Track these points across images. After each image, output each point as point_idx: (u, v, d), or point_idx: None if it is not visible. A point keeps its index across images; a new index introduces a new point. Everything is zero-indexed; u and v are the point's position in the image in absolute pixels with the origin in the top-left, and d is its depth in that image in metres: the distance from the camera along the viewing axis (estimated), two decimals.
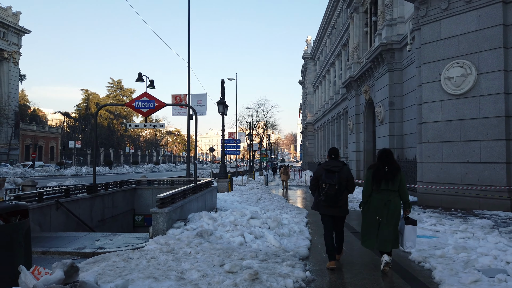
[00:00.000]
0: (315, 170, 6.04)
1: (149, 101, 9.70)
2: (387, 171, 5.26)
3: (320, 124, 51.82)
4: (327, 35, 47.98)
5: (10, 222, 3.26)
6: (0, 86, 50.52)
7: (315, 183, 5.73)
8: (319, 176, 5.61)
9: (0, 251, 3.01)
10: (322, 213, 5.65)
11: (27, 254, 3.34)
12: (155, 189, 12.34)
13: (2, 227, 3.11)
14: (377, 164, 5.49)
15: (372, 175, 5.37)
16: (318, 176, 5.64)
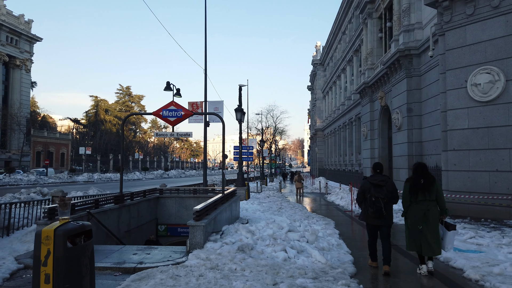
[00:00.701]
0: (361, 184, 6.53)
1: (176, 110, 9.59)
2: (423, 183, 5.84)
3: (331, 130, 51.55)
4: (337, 41, 47.87)
5: (76, 244, 3.11)
6: (12, 93, 50.99)
7: (362, 196, 6.32)
8: (366, 190, 6.23)
9: (70, 275, 2.87)
10: (370, 223, 6.24)
11: (92, 277, 3.20)
12: (178, 198, 12.20)
13: (71, 250, 2.97)
14: (413, 177, 6.05)
15: (409, 188, 5.97)
16: (365, 189, 6.26)
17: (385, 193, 6.02)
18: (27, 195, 9.75)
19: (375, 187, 6.09)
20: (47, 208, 6.75)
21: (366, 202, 6.20)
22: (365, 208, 6.24)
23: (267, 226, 7.11)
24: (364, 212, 6.30)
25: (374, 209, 5.99)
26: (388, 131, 26.17)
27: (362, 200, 6.33)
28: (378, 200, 5.97)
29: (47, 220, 6.82)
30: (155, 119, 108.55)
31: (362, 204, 6.32)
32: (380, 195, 5.99)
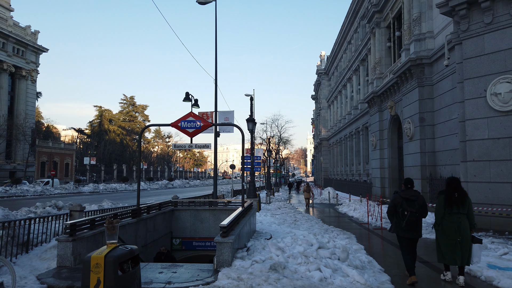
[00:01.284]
0: (392, 198, 6.84)
1: (194, 121, 9.38)
2: (457, 196, 6.15)
3: (336, 139, 51.29)
4: (342, 51, 47.89)
5: (125, 271, 2.87)
6: (18, 104, 51.07)
7: (393, 209, 6.66)
8: (398, 204, 6.56)
9: None
10: (402, 236, 6.52)
11: None
12: (193, 211, 11.92)
13: (121, 278, 2.72)
14: (447, 190, 6.33)
15: (444, 200, 6.26)
16: (397, 203, 6.59)
17: (417, 208, 6.40)
18: (42, 208, 9.50)
19: (407, 202, 6.45)
20: (68, 224, 6.52)
21: (397, 216, 6.53)
22: (397, 221, 6.54)
23: (295, 242, 6.84)
24: (395, 225, 6.57)
25: (406, 222, 6.35)
26: (398, 140, 25.90)
27: (393, 213, 6.65)
28: (411, 214, 6.34)
29: (68, 236, 6.58)
30: (158, 129, 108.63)
31: (394, 217, 6.64)
32: (412, 209, 6.35)
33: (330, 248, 6.62)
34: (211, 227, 11.76)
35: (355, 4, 38.08)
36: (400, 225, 6.40)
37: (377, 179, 27.67)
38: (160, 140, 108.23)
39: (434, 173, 19.18)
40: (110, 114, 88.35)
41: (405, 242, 6.47)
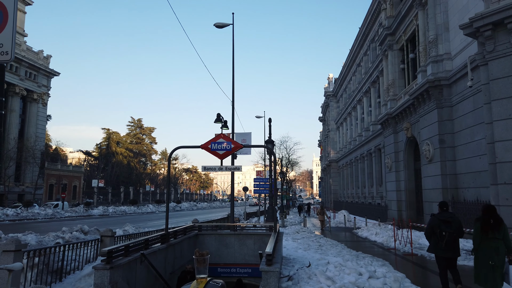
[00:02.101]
0: (429, 220, 7.44)
1: (225, 143, 9.18)
2: (492, 223, 6.47)
3: (346, 161, 50.88)
4: (351, 73, 48.14)
5: None
6: (28, 127, 51.39)
7: (431, 231, 7.20)
8: (435, 225, 7.08)
9: None
10: (440, 255, 7.00)
11: None
12: (218, 235, 11.56)
13: None
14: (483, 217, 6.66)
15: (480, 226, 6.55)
16: (434, 225, 7.12)
17: (454, 229, 6.94)
18: (70, 233, 9.20)
19: (444, 223, 6.99)
20: (106, 250, 6.22)
21: (435, 237, 7.02)
22: (435, 241, 7.04)
23: (342, 272, 6.47)
24: (434, 246, 7.09)
25: (445, 243, 6.85)
26: (415, 162, 25.52)
27: (431, 234, 7.18)
28: (449, 234, 6.85)
29: (104, 264, 6.27)
30: (164, 151, 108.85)
31: (431, 238, 7.15)
32: (450, 230, 6.88)
33: (380, 278, 6.25)
34: (236, 253, 11.37)
35: (365, 27, 38.48)
36: (439, 246, 6.90)
37: (393, 202, 27.12)
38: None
39: (456, 196, 18.71)
40: (117, 136, 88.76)
41: (443, 262, 6.96)
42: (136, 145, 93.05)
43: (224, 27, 20.07)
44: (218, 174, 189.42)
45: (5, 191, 43.63)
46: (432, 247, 7.11)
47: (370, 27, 37.35)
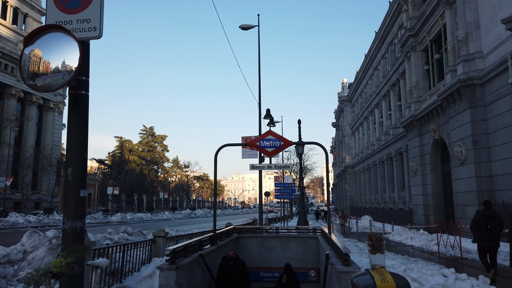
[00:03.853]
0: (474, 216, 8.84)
1: (274, 140, 8.81)
2: None
3: (363, 166, 50.19)
4: (367, 77, 47.68)
5: None
6: (45, 135, 51.68)
7: (476, 225, 8.57)
8: (480, 220, 8.50)
9: None
10: (484, 245, 8.47)
11: None
12: (259, 238, 11.15)
13: None
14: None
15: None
16: (479, 220, 8.54)
17: (496, 224, 8.34)
18: (117, 235, 8.91)
19: (488, 219, 8.36)
20: (171, 249, 5.88)
21: (480, 230, 8.41)
22: (479, 234, 8.44)
23: (423, 273, 6.01)
24: (478, 237, 8.49)
25: (488, 235, 8.26)
26: (442, 165, 24.90)
27: (475, 228, 8.56)
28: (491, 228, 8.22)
29: (169, 264, 5.92)
30: (176, 158, 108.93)
31: (476, 231, 8.53)
32: (493, 224, 8.26)
33: (466, 280, 5.79)
34: (279, 256, 10.94)
35: (383, 30, 38.09)
36: (484, 237, 8.32)
37: (420, 207, 26.45)
38: (178, 170, 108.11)
39: (492, 198, 18.05)
40: (130, 144, 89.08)
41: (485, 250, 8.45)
42: (148, 153, 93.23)
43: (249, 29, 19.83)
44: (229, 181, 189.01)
45: (23, 198, 43.75)
46: (477, 238, 8.50)
47: (389, 30, 36.95)
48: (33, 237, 6.48)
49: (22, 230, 26.10)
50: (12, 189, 44.30)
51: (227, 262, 8.25)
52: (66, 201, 3.76)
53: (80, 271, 3.67)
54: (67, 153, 3.81)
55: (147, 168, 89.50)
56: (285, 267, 8.59)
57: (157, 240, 8.08)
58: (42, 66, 3.79)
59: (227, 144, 8.87)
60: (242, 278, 8.23)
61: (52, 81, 3.64)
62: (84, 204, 3.79)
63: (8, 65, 46.69)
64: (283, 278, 8.44)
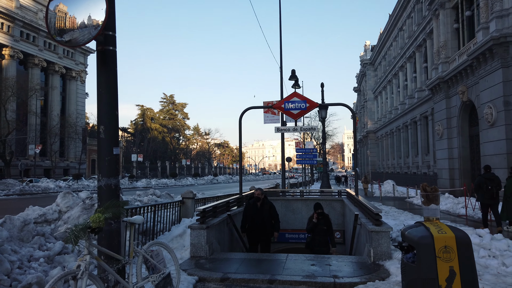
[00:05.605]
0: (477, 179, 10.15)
1: (300, 102, 8.61)
2: None
3: (386, 131, 49.34)
4: (392, 38, 45.88)
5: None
6: (69, 104, 52.69)
7: (478, 186, 9.83)
8: (482, 182, 9.80)
9: None
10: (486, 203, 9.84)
11: None
12: (284, 201, 11.22)
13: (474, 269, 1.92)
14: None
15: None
16: (481, 182, 9.83)
17: (495, 184, 9.54)
18: (146, 197, 9.14)
19: (489, 181, 9.62)
20: (201, 209, 5.95)
21: (481, 191, 9.69)
22: (481, 193, 9.75)
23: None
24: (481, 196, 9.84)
25: (489, 194, 9.56)
26: (470, 128, 24.13)
27: (478, 189, 9.83)
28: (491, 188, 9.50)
29: (200, 223, 6.00)
30: (197, 126, 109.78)
31: (479, 192, 9.83)
32: (493, 185, 9.52)
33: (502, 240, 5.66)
34: (304, 218, 11.00)
35: None
36: (485, 196, 9.63)
37: (445, 171, 25.96)
38: (199, 137, 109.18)
39: None
40: (151, 112, 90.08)
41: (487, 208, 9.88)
42: (169, 120, 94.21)
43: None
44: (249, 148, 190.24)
45: (52, 165, 45.35)
46: (480, 197, 9.88)
47: None
48: (67, 197, 6.69)
49: (54, 194, 27.23)
50: (42, 156, 45.88)
51: (254, 202, 7.96)
52: (99, 159, 3.77)
53: (117, 227, 3.72)
54: (98, 111, 3.78)
55: (169, 136, 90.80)
56: (315, 205, 8.31)
57: (185, 201, 8.21)
58: (68, 22, 3.69)
59: (251, 107, 8.74)
60: (270, 219, 7.89)
61: (79, 36, 3.55)
62: (117, 161, 3.79)
63: (29, 34, 47.05)
64: (313, 217, 8.19)
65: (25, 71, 46.86)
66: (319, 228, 8.04)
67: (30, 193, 28.12)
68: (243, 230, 7.89)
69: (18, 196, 26.57)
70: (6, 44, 43.49)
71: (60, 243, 5.32)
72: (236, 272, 5.29)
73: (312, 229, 8.13)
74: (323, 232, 8.02)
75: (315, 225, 8.07)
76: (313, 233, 8.14)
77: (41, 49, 48.12)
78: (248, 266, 5.71)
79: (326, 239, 8.05)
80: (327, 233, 8.08)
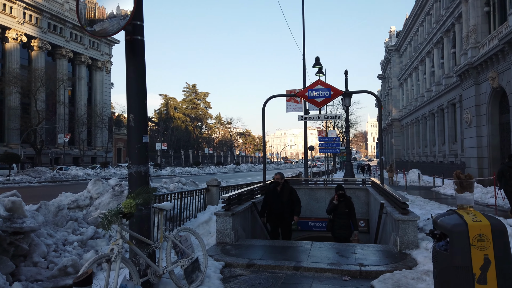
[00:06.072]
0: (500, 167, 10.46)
1: (324, 90, 8.51)
2: None
3: (411, 119, 48.22)
4: (418, 23, 44.47)
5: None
6: (96, 94, 53.93)
7: (501, 175, 10.04)
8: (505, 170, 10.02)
9: None
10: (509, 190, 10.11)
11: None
12: (307, 189, 11.22)
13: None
14: None
15: None
16: (504, 170, 10.07)
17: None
18: (172, 184, 9.36)
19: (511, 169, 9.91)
20: (226, 197, 6.06)
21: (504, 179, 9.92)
22: (505, 181, 9.97)
23: None
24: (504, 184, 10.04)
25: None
26: (500, 116, 23.29)
27: (501, 177, 10.03)
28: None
29: (225, 211, 6.10)
30: (219, 115, 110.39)
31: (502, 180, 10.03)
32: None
33: None
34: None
35: None
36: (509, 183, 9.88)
37: (473, 159, 25.22)
38: (221, 126, 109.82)
39: None
40: (175, 102, 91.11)
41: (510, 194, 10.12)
42: (192, 110, 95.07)
43: None
44: (271, 137, 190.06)
45: (81, 154, 46.76)
46: (503, 185, 10.09)
47: None
48: (97, 184, 6.92)
49: (82, 182, 28.15)
50: (70, 145, 47.35)
51: (274, 187, 7.72)
52: (129, 147, 3.87)
53: (147, 213, 3.83)
54: (128, 100, 3.87)
55: (191, 125, 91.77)
56: (337, 186, 8.09)
57: (210, 189, 8.34)
58: (98, 12, 3.77)
59: (275, 95, 8.71)
60: (290, 204, 7.56)
61: (109, 26, 3.63)
62: (146, 149, 3.89)
63: (56, 26, 48.17)
64: (334, 199, 7.97)
65: (53, 62, 48.16)
66: (340, 210, 7.83)
67: (60, 180, 29.18)
68: (262, 215, 7.73)
69: (49, 183, 27.60)
70: (35, 36, 44.72)
71: (92, 228, 5.54)
72: (261, 258, 5.37)
73: (332, 210, 7.92)
74: (344, 214, 7.80)
75: (336, 207, 7.87)
76: (334, 216, 7.92)
77: (68, 40, 49.26)
78: (273, 252, 5.78)
79: (348, 222, 7.80)
80: (349, 216, 7.84)
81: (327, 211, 8.17)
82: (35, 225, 4.44)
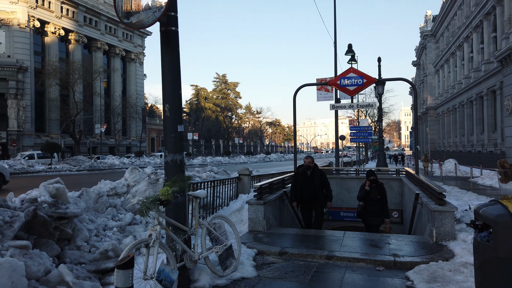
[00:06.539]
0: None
1: (356, 77, 8.34)
2: None
3: (448, 107, 46.45)
4: (456, 7, 42.46)
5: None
6: (129, 85, 55.36)
7: None
8: None
9: None
10: None
11: None
12: (339, 179, 11.12)
13: None
14: None
15: None
16: None
17: None
18: (204, 173, 9.56)
19: None
20: (258, 185, 6.14)
21: None
22: None
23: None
24: None
25: None
26: None
27: None
28: None
29: (257, 199, 6.18)
30: (248, 105, 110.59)
31: None
32: None
33: None
34: None
35: None
36: None
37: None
38: (251, 116, 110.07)
39: None
40: (205, 92, 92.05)
41: None
42: (222, 100, 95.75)
43: None
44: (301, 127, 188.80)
45: (116, 143, 48.36)
46: None
47: None
48: (134, 172, 7.18)
49: (119, 170, 29.16)
50: (106, 135, 49.04)
51: (304, 171, 7.42)
52: (165, 136, 3.98)
53: (183, 200, 3.94)
54: (163, 90, 3.96)
55: (222, 115, 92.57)
56: (368, 172, 7.85)
57: (242, 178, 8.45)
58: (134, 4, 3.86)
59: (306, 84, 8.62)
60: (322, 188, 7.35)
61: (144, 18, 3.72)
62: (182, 138, 3.98)
63: (92, 19, 49.57)
64: (366, 185, 7.70)
65: (89, 55, 49.73)
66: (372, 197, 7.55)
67: (98, 169, 30.36)
68: (292, 200, 7.45)
69: (88, 171, 28.77)
70: (71, 29, 46.26)
71: (130, 214, 5.76)
72: (293, 247, 5.41)
73: (363, 197, 7.67)
74: (376, 201, 7.52)
75: (367, 193, 7.60)
76: (365, 202, 7.66)
77: (103, 33, 50.64)
78: (305, 241, 5.80)
79: (380, 210, 7.54)
80: (381, 203, 7.56)
81: (358, 197, 7.90)
82: (78, 211, 4.67)
